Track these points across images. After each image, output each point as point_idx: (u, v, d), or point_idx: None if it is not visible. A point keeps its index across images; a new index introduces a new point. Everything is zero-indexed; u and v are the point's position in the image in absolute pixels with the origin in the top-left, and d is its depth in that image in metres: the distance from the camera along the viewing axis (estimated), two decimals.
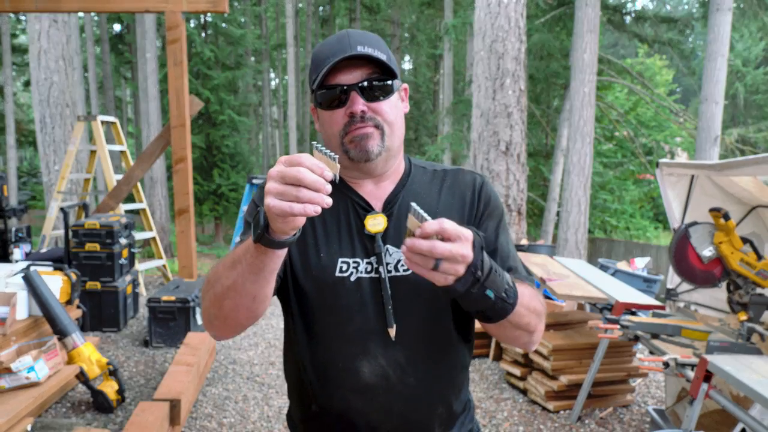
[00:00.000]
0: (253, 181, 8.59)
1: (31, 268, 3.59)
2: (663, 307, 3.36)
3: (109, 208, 6.28)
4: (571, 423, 3.50)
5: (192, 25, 16.05)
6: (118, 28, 19.84)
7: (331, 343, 1.09)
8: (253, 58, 20.27)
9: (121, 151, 7.00)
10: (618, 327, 2.91)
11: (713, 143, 8.96)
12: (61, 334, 3.38)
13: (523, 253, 4.78)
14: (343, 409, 1.08)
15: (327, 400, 1.09)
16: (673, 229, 3.33)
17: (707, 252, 2.81)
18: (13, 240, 5.21)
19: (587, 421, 3.54)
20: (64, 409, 3.49)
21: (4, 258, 5.13)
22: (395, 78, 1.08)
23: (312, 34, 21.39)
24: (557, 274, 3.93)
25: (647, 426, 3.50)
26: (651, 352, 2.80)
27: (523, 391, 3.97)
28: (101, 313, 5.07)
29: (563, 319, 4.08)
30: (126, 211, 6.66)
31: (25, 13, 10.51)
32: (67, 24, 7.74)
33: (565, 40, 12.42)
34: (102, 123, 6.61)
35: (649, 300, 3.48)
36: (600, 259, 6.50)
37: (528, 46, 10.03)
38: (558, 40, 12.50)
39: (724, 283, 2.89)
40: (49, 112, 7.66)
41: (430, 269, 0.83)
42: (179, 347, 4.11)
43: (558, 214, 11.02)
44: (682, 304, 3.47)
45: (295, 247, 1.10)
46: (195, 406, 3.69)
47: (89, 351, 3.42)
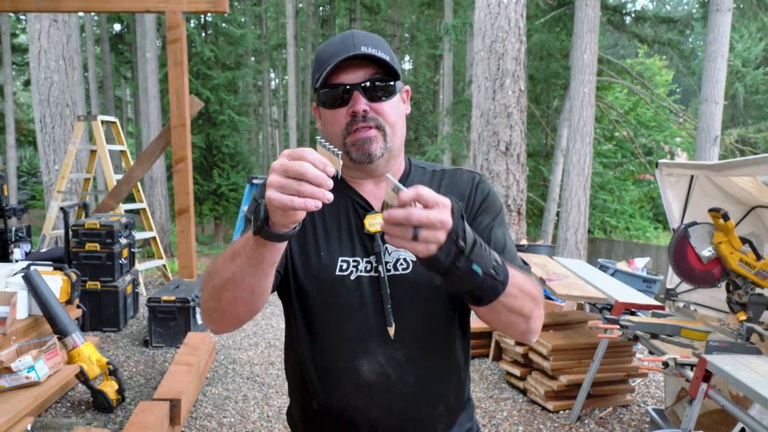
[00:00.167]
0: (254, 181, 8.59)
1: (31, 268, 3.59)
2: (662, 307, 3.36)
3: (109, 208, 6.29)
4: (571, 423, 3.50)
5: (192, 25, 16.05)
6: (118, 27, 19.87)
7: (332, 341, 1.09)
8: (253, 58, 20.29)
9: (121, 150, 7.00)
10: (617, 327, 2.91)
11: (713, 143, 8.97)
12: (61, 333, 3.38)
13: (522, 254, 4.79)
14: (342, 407, 1.09)
15: (327, 398, 1.10)
16: (673, 229, 3.34)
17: (706, 252, 2.82)
18: (13, 240, 5.22)
19: (587, 421, 3.54)
20: (64, 409, 3.49)
21: (4, 258, 5.14)
22: (398, 79, 1.09)
23: (312, 34, 21.40)
24: (557, 274, 3.94)
25: (647, 426, 3.50)
26: (650, 352, 2.81)
27: (523, 391, 3.97)
28: (101, 312, 5.07)
29: (563, 319, 4.09)
30: (126, 211, 6.66)
31: (25, 13, 10.52)
32: (67, 24, 7.75)
33: (565, 41, 12.42)
34: (102, 123, 6.62)
35: (649, 300, 3.48)
36: (600, 260, 6.50)
37: (528, 47, 10.03)
38: (558, 41, 12.51)
39: (724, 283, 2.89)
40: (49, 111, 7.67)
41: (410, 239, 0.80)
42: (179, 347, 4.11)
43: (558, 214, 11.02)
44: (681, 304, 3.47)
45: (296, 247, 1.10)
46: (195, 406, 3.69)
47: (89, 351, 3.42)
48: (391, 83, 1.08)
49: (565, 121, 11.49)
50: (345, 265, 1.08)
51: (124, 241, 5.31)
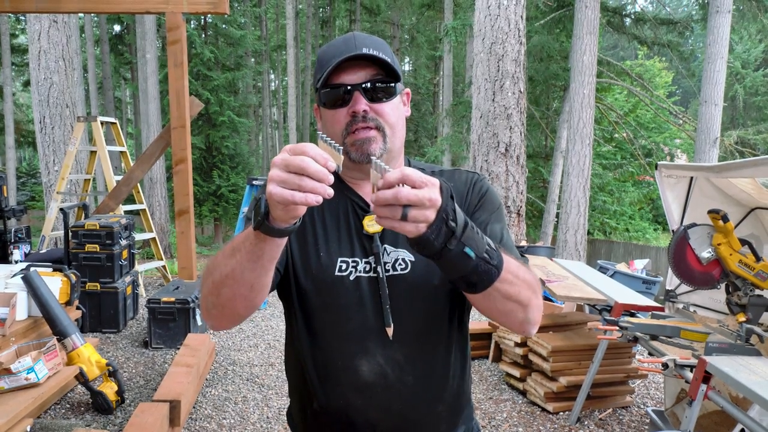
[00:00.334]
0: (254, 182, 8.56)
1: (31, 269, 3.59)
2: (662, 309, 3.36)
3: (109, 209, 6.29)
4: (571, 424, 3.50)
5: (192, 26, 16.06)
6: (117, 28, 19.88)
7: (331, 341, 1.10)
8: (253, 60, 20.29)
9: (121, 151, 7.00)
10: (617, 328, 2.91)
11: (712, 145, 8.98)
12: (60, 335, 3.38)
13: None
14: (342, 407, 1.09)
15: (327, 398, 1.10)
16: (672, 230, 3.34)
17: (706, 253, 2.82)
18: (12, 241, 5.22)
19: (586, 423, 3.54)
20: (64, 410, 3.49)
21: (4, 259, 5.14)
22: (398, 81, 1.09)
23: (312, 35, 21.42)
24: (556, 275, 3.94)
25: (646, 427, 3.50)
26: (650, 354, 2.81)
27: (523, 393, 3.97)
28: (101, 314, 5.07)
29: (562, 320, 4.09)
30: (126, 212, 6.66)
31: (25, 14, 10.52)
32: (67, 24, 7.75)
33: (564, 42, 12.43)
34: (102, 124, 6.62)
35: (648, 301, 3.49)
36: (599, 261, 6.50)
37: (527, 48, 10.04)
38: (557, 42, 12.51)
39: (723, 285, 2.90)
40: (49, 112, 7.67)
41: (399, 219, 0.80)
42: (179, 348, 4.11)
43: (557, 215, 11.02)
44: (681, 306, 3.47)
45: (296, 247, 1.11)
46: (194, 408, 3.69)
47: (89, 352, 3.42)
48: (392, 84, 1.08)
49: (565, 122, 11.49)
50: (344, 266, 1.09)
51: (123, 242, 5.31)
